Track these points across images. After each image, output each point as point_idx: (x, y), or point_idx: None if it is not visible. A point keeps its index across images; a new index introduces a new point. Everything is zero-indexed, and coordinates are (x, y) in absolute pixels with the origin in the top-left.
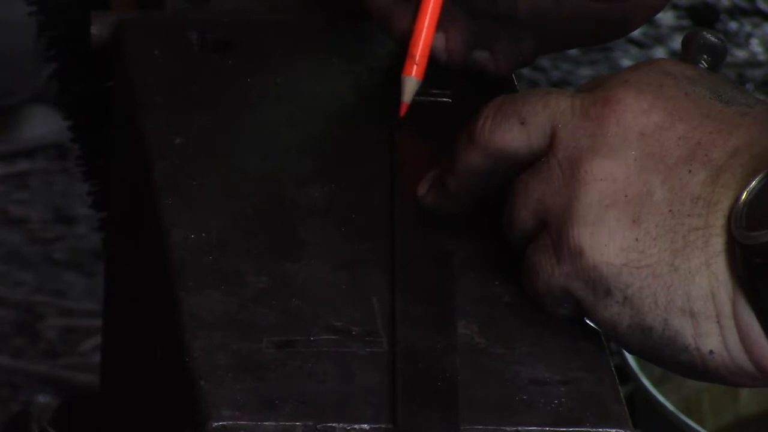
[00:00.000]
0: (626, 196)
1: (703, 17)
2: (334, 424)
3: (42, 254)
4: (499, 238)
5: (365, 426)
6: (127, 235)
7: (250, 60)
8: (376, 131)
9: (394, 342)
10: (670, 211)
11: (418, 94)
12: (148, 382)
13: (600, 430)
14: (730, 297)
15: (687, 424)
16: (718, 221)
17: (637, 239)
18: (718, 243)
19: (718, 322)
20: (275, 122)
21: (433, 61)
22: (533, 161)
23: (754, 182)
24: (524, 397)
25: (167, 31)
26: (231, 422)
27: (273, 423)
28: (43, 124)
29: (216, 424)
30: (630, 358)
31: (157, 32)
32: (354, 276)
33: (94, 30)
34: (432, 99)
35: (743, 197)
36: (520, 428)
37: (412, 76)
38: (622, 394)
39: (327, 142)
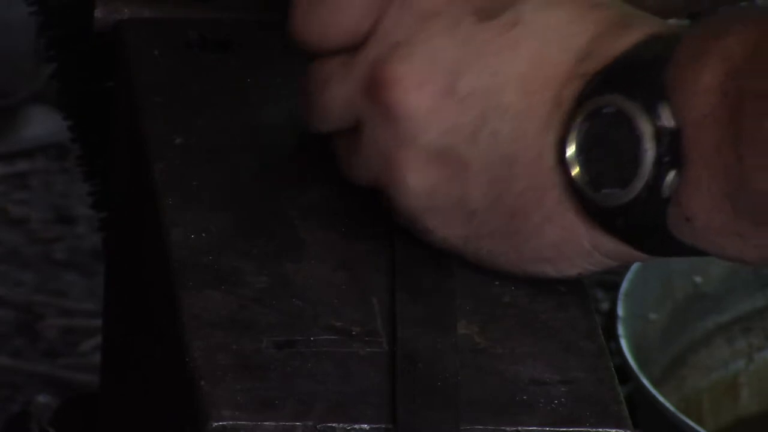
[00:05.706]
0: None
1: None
2: (334, 424)
3: (42, 254)
4: None
5: (365, 426)
6: (127, 235)
7: (250, 60)
8: None
9: (394, 342)
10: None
11: None
12: (148, 382)
13: (600, 430)
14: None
15: (687, 424)
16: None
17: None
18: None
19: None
20: (275, 122)
21: None
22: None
23: None
24: (524, 397)
25: (167, 31)
26: (231, 422)
27: (273, 423)
28: (43, 124)
29: (216, 424)
30: (630, 358)
31: (157, 32)
32: (354, 276)
33: (98, 13)
34: None
35: None
36: (520, 428)
37: None
38: (622, 394)
39: (327, 142)
